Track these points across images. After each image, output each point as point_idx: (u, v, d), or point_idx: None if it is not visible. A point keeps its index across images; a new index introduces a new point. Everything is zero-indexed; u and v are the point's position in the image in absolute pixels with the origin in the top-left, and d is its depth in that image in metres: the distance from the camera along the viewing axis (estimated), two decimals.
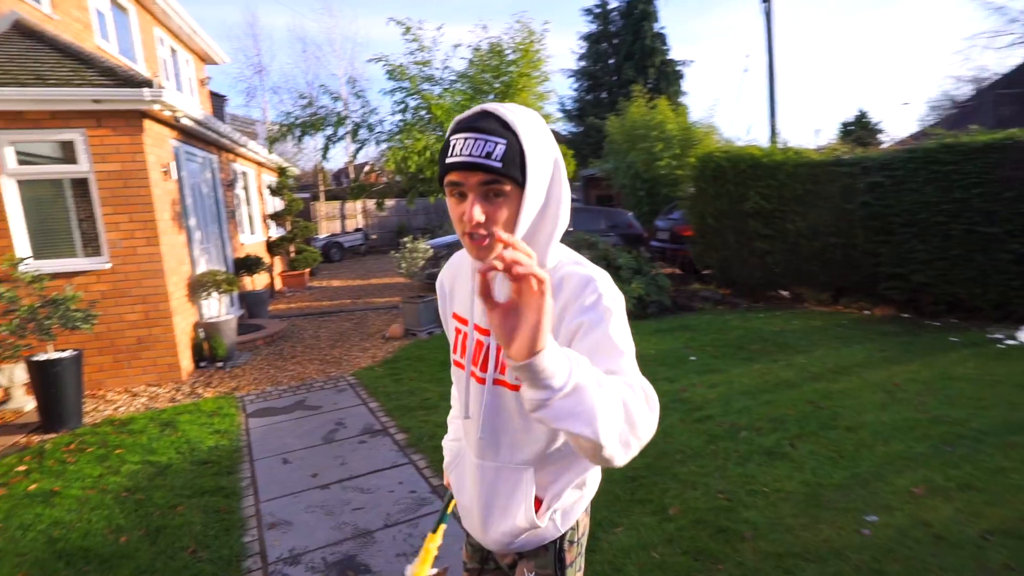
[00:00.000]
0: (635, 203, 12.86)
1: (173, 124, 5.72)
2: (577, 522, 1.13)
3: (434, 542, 1.28)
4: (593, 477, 1.14)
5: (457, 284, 1.13)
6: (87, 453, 3.69)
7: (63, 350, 4.30)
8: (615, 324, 0.91)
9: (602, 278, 0.96)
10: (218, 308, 6.14)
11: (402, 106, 7.02)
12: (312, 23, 50.46)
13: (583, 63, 24.74)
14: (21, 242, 4.92)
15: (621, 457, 0.79)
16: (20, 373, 4.58)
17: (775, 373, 4.70)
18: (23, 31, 5.77)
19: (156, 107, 4.98)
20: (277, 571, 2.45)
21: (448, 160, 0.90)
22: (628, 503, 2.80)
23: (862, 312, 6.93)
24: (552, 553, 1.11)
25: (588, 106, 24.05)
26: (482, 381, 1.05)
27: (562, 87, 29.69)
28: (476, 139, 0.88)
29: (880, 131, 20.73)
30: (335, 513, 2.89)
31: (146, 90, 4.82)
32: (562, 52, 34.84)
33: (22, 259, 4.45)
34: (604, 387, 0.76)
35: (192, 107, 5.76)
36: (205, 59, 11.99)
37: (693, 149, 11.15)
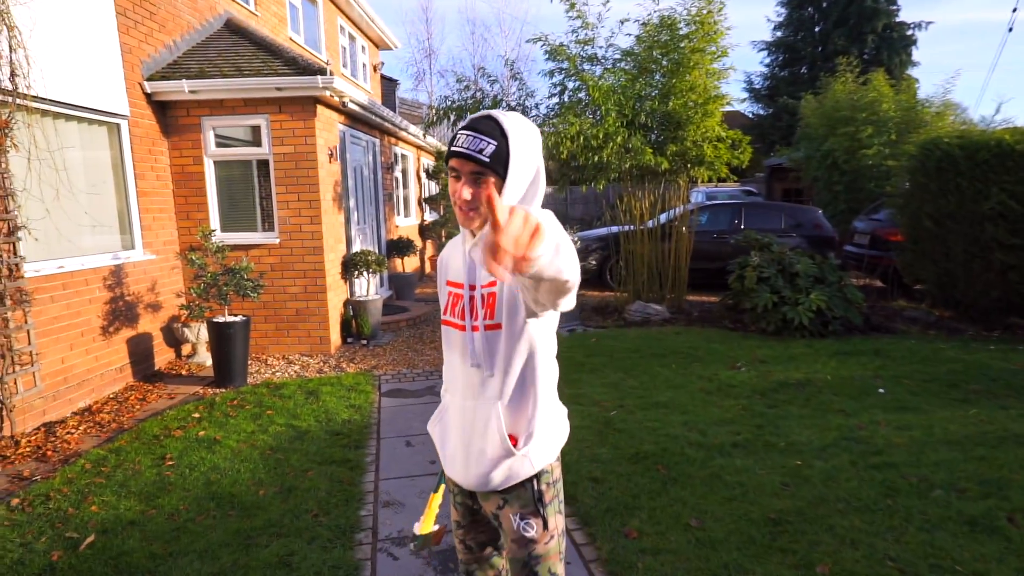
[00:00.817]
0: (829, 199, 11.57)
1: (340, 109, 6.48)
2: (551, 466, 1.37)
3: (436, 500, 1.60)
4: (562, 424, 1.41)
5: (451, 257, 1.44)
6: (245, 410, 4.38)
7: (236, 315, 5.15)
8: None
9: (545, 212, 1.13)
10: (367, 287, 6.84)
11: (560, 88, 7.11)
12: (483, 4, 53.22)
13: (779, 33, 22.72)
14: (214, 216, 5.97)
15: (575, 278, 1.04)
16: (204, 332, 5.58)
17: (1001, 423, 3.91)
18: (232, 28, 6.96)
19: (327, 93, 5.68)
20: (384, 548, 2.68)
21: (452, 148, 1.22)
22: (765, 549, 2.56)
23: None
24: (530, 491, 1.34)
25: (781, 84, 22.07)
26: (467, 329, 1.33)
27: (751, 63, 27.57)
28: (475, 137, 1.20)
29: None
30: (445, 502, 3.06)
31: (319, 77, 5.52)
32: (756, 22, 32.21)
33: (212, 231, 5.41)
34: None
35: (358, 93, 6.47)
36: (380, 45, 13.35)
37: (915, 134, 9.69)
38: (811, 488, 3.08)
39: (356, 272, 6.56)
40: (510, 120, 1.23)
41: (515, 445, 1.31)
